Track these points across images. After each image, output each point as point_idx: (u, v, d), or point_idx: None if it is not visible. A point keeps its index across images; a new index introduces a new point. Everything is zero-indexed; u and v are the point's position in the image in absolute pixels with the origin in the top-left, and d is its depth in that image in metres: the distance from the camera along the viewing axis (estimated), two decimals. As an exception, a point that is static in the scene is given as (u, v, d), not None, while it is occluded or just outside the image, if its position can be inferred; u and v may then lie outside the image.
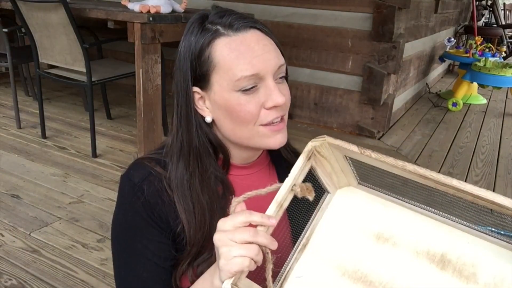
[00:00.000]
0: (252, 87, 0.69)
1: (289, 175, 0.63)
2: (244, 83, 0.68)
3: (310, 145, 0.64)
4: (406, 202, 0.64)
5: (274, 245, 0.60)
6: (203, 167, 0.74)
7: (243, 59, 0.68)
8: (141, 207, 0.73)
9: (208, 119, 0.74)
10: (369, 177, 0.66)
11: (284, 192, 0.63)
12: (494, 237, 0.58)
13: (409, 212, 0.64)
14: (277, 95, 0.69)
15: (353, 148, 0.59)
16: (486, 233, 0.58)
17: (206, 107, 0.74)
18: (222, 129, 0.74)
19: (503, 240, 0.57)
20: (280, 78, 0.72)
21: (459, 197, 0.54)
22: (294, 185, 0.63)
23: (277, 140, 0.73)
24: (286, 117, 0.75)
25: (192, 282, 0.73)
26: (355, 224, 0.65)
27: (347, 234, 0.65)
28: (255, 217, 0.60)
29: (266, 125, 0.71)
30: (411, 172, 0.55)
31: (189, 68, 0.72)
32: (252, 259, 0.58)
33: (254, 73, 0.68)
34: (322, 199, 0.69)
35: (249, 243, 0.59)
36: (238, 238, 0.59)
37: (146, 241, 0.74)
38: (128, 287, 0.75)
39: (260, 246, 0.60)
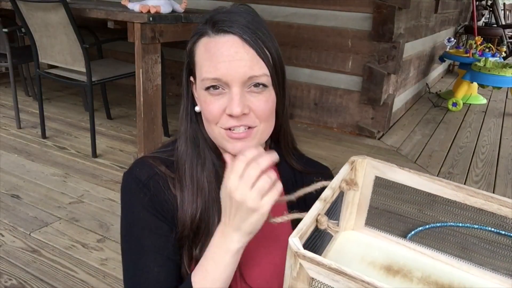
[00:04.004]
0: (216, 90, 0.70)
1: (338, 174, 0.66)
2: (208, 84, 0.70)
3: (352, 158, 0.70)
4: (408, 241, 0.71)
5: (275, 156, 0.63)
6: (199, 153, 0.78)
7: (209, 61, 0.70)
8: (148, 202, 0.74)
9: (197, 108, 0.78)
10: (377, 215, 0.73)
11: (335, 185, 0.65)
12: (487, 267, 0.66)
13: (412, 251, 0.70)
14: (234, 105, 0.68)
15: (393, 165, 0.67)
16: (479, 266, 0.67)
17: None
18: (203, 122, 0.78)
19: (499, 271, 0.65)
20: (256, 87, 0.71)
21: (485, 209, 0.63)
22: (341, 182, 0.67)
23: (235, 148, 0.72)
24: (258, 129, 0.73)
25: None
26: (363, 258, 0.69)
27: (357, 266, 0.67)
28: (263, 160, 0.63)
29: (226, 129, 0.72)
30: (447, 184, 0.63)
31: (186, 59, 0.77)
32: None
33: (216, 77, 0.69)
34: (330, 237, 0.73)
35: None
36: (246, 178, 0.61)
37: (155, 236, 0.74)
38: (139, 285, 0.74)
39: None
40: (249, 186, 0.60)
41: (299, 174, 0.87)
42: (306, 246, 0.58)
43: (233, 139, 0.72)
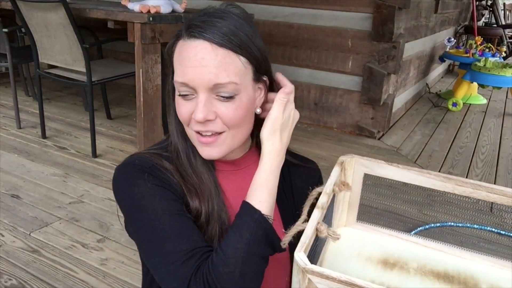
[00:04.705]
0: (186, 94, 0.72)
1: (330, 177, 0.68)
2: (178, 87, 0.73)
3: (341, 158, 0.73)
4: (400, 233, 0.74)
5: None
6: (190, 146, 0.79)
7: (180, 66, 0.71)
8: (153, 178, 0.74)
9: None
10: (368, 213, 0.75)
11: (329, 190, 0.66)
12: (478, 250, 0.69)
13: (405, 242, 0.73)
14: (197, 112, 0.70)
15: (381, 162, 0.69)
16: (470, 250, 0.70)
17: None
18: None
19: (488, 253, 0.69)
20: (225, 97, 0.70)
21: (474, 197, 0.65)
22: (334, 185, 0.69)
23: (203, 151, 0.75)
24: (226, 134, 0.74)
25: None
26: (360, 255, 0.70)
27: (356, 264, 0.68)
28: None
29: (196, 132, 0.74)
30: (436, 176, 0.66)
31: (168, 59, 0.78)
32: None
33: (184, 82, 0.71)
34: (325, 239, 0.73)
35: None
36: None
37: (167, 201, 0.72)
38: (166, 245, 0.69)
39: None
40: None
41: (286, 168, 0.88)
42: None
43: (202, 143, 0.74)
